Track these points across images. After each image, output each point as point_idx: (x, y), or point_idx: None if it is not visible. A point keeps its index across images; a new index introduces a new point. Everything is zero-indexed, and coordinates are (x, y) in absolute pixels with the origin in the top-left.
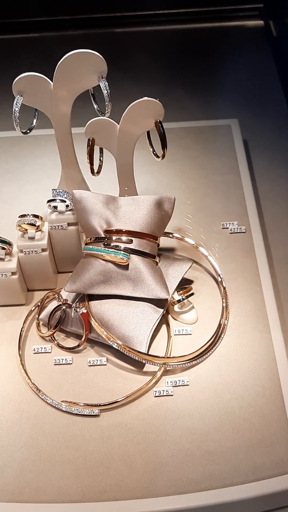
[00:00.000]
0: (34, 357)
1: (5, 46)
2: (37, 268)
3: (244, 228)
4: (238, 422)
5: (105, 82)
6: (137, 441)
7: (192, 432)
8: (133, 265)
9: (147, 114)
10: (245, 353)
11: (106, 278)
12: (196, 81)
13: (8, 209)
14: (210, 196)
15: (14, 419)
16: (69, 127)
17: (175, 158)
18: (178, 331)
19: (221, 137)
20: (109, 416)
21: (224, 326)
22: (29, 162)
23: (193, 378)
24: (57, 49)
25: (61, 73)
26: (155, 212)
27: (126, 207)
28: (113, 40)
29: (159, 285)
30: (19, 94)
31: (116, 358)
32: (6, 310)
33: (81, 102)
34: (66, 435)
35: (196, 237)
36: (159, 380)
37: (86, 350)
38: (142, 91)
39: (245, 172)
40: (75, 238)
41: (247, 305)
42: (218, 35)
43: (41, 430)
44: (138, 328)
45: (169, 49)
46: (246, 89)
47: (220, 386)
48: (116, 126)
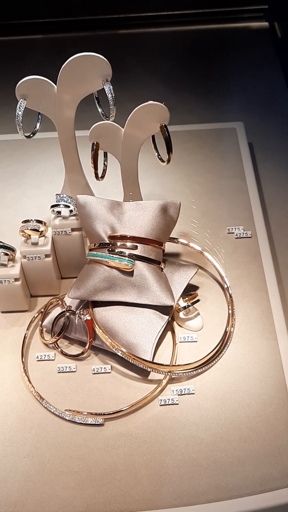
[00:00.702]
0: (37, 365)
1: (8, 48)
2: (41, 274)
3: (250, 233)
4: (244, 431)
5: (109, 86)
6: (142, 451)
7: (198, 441)
8: (138, 272)
9: (152, 118)
10: (251, 361)
11: (111, 285)
12: (200, 83)
13: (11, 214)
14: (216, 200)
15: (17, 428)
16: (73, 131)
17: (180, 162)
18: (183, 338)
19: (226, 140)
20: (114, 425)
21: (230, 334)
22: (32, 166)
23: (199, 386)
24: (60, 51)
25: (65, 76)
26: (160, 218)
27: (130, 213)
28: (117, 42)
29: (164, 291)
30: (23, 98)
31: (121, 366)
32: (9, 316)
33: (84, 105)
34: (70, 445)
35: (201, 242)
36: (164, 389)
37: (90, 358)
38: (145, 93)
39: (250, 176)
40: (79, 243)
41: (253, 311)
42: (223, 36)
43: (44, 439)
44: (143, 336)
45: (173, 51)
46: (251, 91)
47: (226, 395)
48: (120, 130)
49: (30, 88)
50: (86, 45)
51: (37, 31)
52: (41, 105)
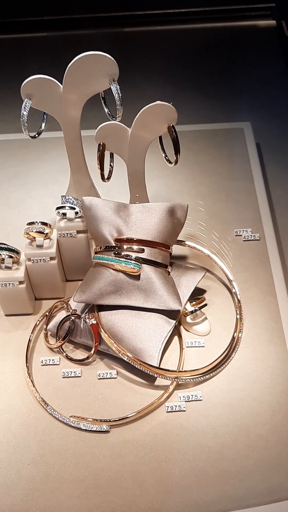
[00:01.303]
0: (42, 369)
1: (12, 46)
2: (45, 277)
3: (258, 236)
4: (253, 439)
5: (116, 86)
6: (149, 459)
7: (205, 450)
8: (145, 275)
9: (160, 119)
10: (259, 366)
11: (117, 289)
12: (207, 82)
13: (15, 215)
14: (223, 202)
15: (22, 434)
16: (79, 131)
17: (187, 163)
18: (190, 343)
19: (234, 140)
20: (119, 432)
21: (238, 339)
22: (37, 166)
23: (206, 392)
24: (66, 49)
25: (71, 75)
26: (167, 220)
27: (137, 215)
28: (122, 40)
29: (171, 295)
30: (28, 97)
31: (127, 371)
32: (13, 319)
33: (90, 104)
34: (75, 452)
35: (208, 244)
36: (171, 395)
37: (95, 363)
38: (151, 93)
39: (258, 177)
40: (85, 246)
41: (261, 316)
42: (230, 35)
43: (49, 446)
44: (149, 340)
45: (179, 50)
46: (258, 90)
47: (234, 402)
48: (127, 131)
49: (36, 88)
50: (91, 43)
51: (41, 28)
52: (46, 105)
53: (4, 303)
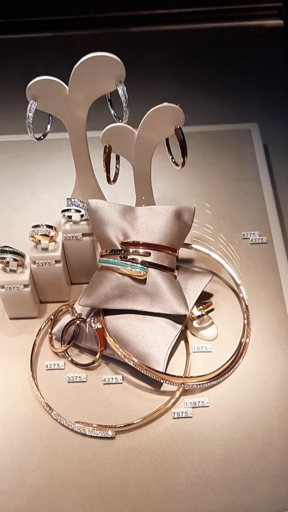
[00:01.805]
0: (46, 374)
1: (18, 46)
2: (51, 280)
3: (266, 239)
4: (261, 447)
5: (123, 87)
6: (155, 466)
7: (212, 457)
8: (151, 279)
9: (167, 121)
10: (267, 372)
11: (123, 293)
12: (214, 83)
13: (20, 217)
14: (230, 204)
15: (26, 439)
16: (85, 133)
17: (194, 164)
18: (197, 348)
19: (241, 142)
20: (125, 439)
21: (245, 344)
22: (42, 167)
23: (213, 399)
24: (72, 49)
25: (77, 77)
26: (174, 223)
27: (143, 218)
28: (129, 40)
29: (177, 300)
30: (33, 99)
31: (132, 376)
32: (18, 323)
33: (96, 105)
34: (80, 458)
35: (215, 248)
36: (178, 401)
37: (101, 367)
38: (158, 93)
39: (266, 179)
40: (90, 249)
41: (269, 321)
42: (236, 35)
43: (54, 452)
44: (155, 345)
45: (185, 49)
46: (265, 91)
47: (242, 408)
48: (134, 133)
49: (41, 89)
50: (98, 44)
51: (47, 29)
52: (52, 107)
53: (8, 307)
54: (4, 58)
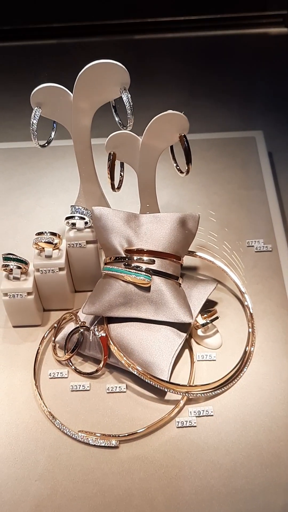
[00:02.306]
0: (50, 382)
1: (23, 53)
2: (54, 288)
3: (271, 247)
4: (266, 457)
5: (127, 94)
6: (159, 476)
7: (217, 467)
8: (155, 287)
9: (171, 128)
10: (272, 381)
11: (127, 301)
12: (219, 90)
13: (24, 224)
14: (235, 212)
15: (29, 449)
16: (89, 140)
17: (198, 172)
18: (201, 357)
19: (246, 149)
20: (129, 448)
21: (250, 353)
22: (46, 174)
23: (218, 408)
24: (76, 57)
25: (82, 84)
26: (178, 231)
27: (148, 225)
28: (133, 47)
29: (182, 308)
30: (38, 106)
31: (136, 385)
32: (21, 331)
33: (100, 111)
34: (83, 468)
35: (220, 255)
36: (182, 410)
37: (104, 376)
38: (162, 101)
39: (270, 187)
40: (94, 256)
41: (274, 329)
42: (242, 42)
43: (57, 461)
44: (159, 354)
45: (190, 57)
46: (270, 99)
47: (247, 417)
48: (138, 140)
49: (46, 96)
50: (102, 51)
51: (51, 36)
52: (56, 114)
53: (12, 315)
54: (9, 65)
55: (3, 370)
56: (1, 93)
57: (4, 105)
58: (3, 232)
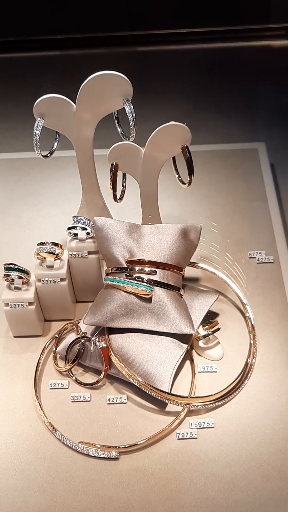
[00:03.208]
0: (50, 393)
1: (27, 65)
2: (55, 298)
3: (273, 258)
4: (267, 469)
5: (130, 106)
6: (159, 488)
7: (217, 479)
8: (157, 298)
9: (174, 139)
10: (274, 393)
11: (128, 311)
12: (221, 102)
13: (26, 234)
14: (237, 223)
15: (29, 460)
16: (92, 151)
17: (200, 183)
18: (202, 368)
19: (248, 161)
20: (129, 460)
21: (251, 364)
22: (49, 184)
23: (219, 420)
24: (79, 68)
25: (85, 95)
26: (180, 242)
27: (149, 236)
28: (136, 59)
29: (183, 319)
30: (40, 117)
31: (137, 396)
32: (22, 341)
33: (103, 122)
34: (83, 480)
35: (222, 267)
36: (183, 421)
37: (105, 387)
38: (165, 112)
39: (272, 199)
40: (96, 267)
41: (276, 341)
42: (244, 55)
43: (56, 473)
44: (160, 365)
45: (193, 69)
46: (273, 111)
47: (248, 430)
48: (140, 151)
49: (49, 107)
50: (105, 62)
51: (55, 47)
52: (59, 124)
53: (13, 325)
54: (12, 76)
55: (3, 380)
56: (5, 103)
57: (7, 116)
58: (4, 243)
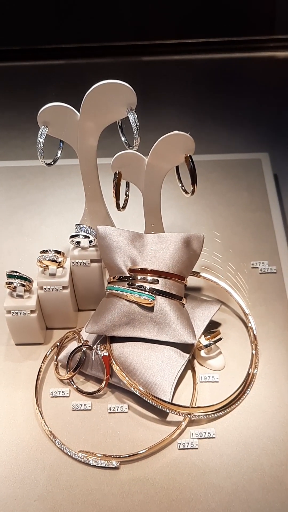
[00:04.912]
0: (51, 401)
1: (31, 73)
2: (57, 306)
3: (275, 269)
4: (268, 481)
5: (134, 115)
6: (159, 498)
7: (218, 490)
8: (159, 307)
9: (177, 149)
10: (275, 404)
11: (130, 320)
12: (225, 112)
13: (29, 243)
14: (239, 233)
15: (29, 468)
16: (95, 159)
17: (203, 193)
18: (204, 378)
19: (251, 171)
20: (129, 469)
21: (253, 375)
22: (52, 192)
23: (220, 430)
24: (84, 77)
25: (89, 104)
26: (182, 251)
27: (152, 245)
28: (140, 68)
29: (185, 328)
30: (44, 125)
31: (138, 405)
32: (23, 349)
33: (106, 132)
34: (83, 489)
35: (224, 276)
36: (184, 431)
37: (106, 396)
38: (168, 122)
39: (276, 209)
40: (98, 275)
41: (278, 351)
42: (248, 65)
43: (56, 482)
44: (162, 375)
45: (197, 79)
46: (276, 121)
47: (249, 440)
48: (144, 160)
49: (53, 115)
50: (110, 72)
51: (59, 56)
52: (63, 133)
53: (14, 332)
54: (16, 85)
55: (4, 388)
56: (9, 112)
57: (11, 124)
58: (7, 250)
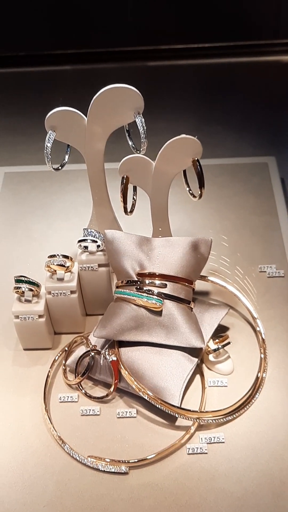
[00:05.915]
0: (59, 406)
1: (37, 79)
2: (66, 311)
3: (283, 272)
4: (278, 486)
5: (141, 119)
6: (168, 504)
7: (228, 495)
8: (167, 311)
9: (185, 152)
10: (285, 408)
11: (138, 324)
12: (231, 116)
13: (37, 247)
14: (247, 237)
15: (38, 474)
16: (103, 164)
17: (210, 197)
18: (213, 383)
19: (258, 175)
20: (138, 474)
21: (262, 379)
22: (59, 197)
23: (229, 435)
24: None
25: (96, 108)
26: (190, 255)
27: (160, 249)
28: (147, 73)
29: (193, 333)
30: (52, 129)
31: (147, 410)
32: (31, 354)
33: (113, 136)
34: (92, 494)
35: (232, 280)
36: (193, 436)
37: (114, 401)
38: (175, 126)
39: (283, 213)
40: (106, 280)
41: (286, 356)
42: (253, 69)
43: (65, 487)
44: (170, 379)
45: (203, 83)
46: (283, 125)
47: (258, 445)
48: (151, 164)
49: (60, 120)
50: (116, 77)
51: (66, 62)
52: (70, 137)
53: (23, 337)
54: (24, 91)
55: (13, 393)
56: (16, 117)
57: (19, 129)
58: (15, 256)
